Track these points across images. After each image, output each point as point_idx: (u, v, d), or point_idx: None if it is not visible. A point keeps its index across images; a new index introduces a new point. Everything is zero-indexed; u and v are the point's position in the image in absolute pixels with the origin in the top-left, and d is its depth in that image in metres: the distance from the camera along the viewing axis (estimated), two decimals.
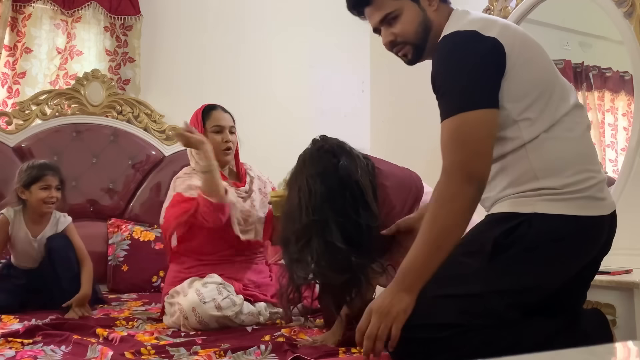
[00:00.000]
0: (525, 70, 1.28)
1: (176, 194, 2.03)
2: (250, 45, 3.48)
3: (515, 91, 1.27)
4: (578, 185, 1.27)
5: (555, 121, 1.29)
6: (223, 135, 2.14)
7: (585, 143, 1.35)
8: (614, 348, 0.92)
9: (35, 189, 2.24)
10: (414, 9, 1.40)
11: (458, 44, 1.27)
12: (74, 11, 3.02)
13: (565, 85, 1.38)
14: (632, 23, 2.19)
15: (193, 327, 1.82)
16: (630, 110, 2.41)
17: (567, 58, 2.74)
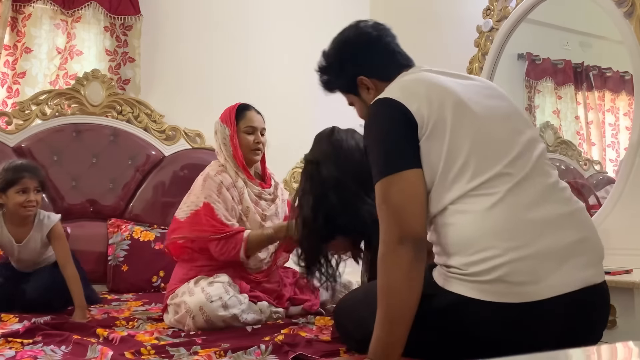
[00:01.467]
0: (436, 137, 1.24)
1: (205, 203, 2.01)
2: (250, 45, 3.48)
3: (427, 158, 1.25)
4: (480, 265, 1.16)
5: (463, 193, 1.21)
6: (255, 136, 2.19)
7: (497, 217, 1.19)
8: (614, 348, 0.92)
9: (12, 193, 2.11)
10: (359, 102, 1.53)
11: (372, 112, 1.33)
12: (74, 11, 3.02)
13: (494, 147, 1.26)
14: (632, 23, 2.19)
15: (199, 326, 1.82)
16: (632, 110, 2.42)
17: (567, 58, 2.74)
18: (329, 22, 3.73)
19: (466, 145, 1.24)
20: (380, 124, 1.30)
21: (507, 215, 1.19)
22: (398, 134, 1.26)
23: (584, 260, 1.21)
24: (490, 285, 1.16)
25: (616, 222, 2.16)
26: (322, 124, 3.49)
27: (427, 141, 1.24)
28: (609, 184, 2.51)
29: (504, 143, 1.27)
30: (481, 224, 1.19)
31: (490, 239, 1.18)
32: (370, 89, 1.48)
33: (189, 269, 2.03)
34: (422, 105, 1.26)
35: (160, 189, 3.01)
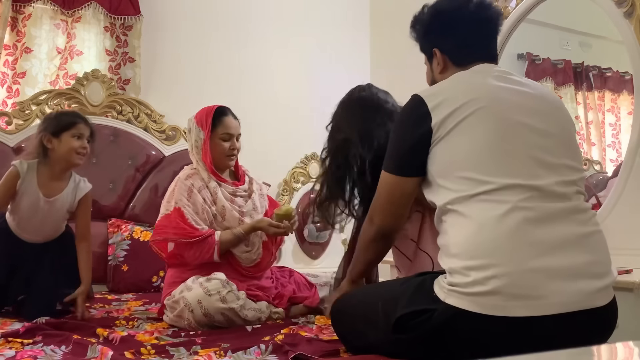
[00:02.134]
0: (454, 141, 1.29)
1: (176, 208, 2.02)
2: (250, 45, 3.48)
3: (439, 158, 1.31)
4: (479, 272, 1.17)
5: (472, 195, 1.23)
6: (231, 142, 2.16)
7: (502, 228, 1.19)
8: (614, 348, 0.92)
9: (67, 137, 2.00)
10: (428, 67, 1.59)
11: (404, 107, 1.43)
12: (74, 11, 3.02)
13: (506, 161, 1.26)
14: (632, 23, 2.19)
15: (198, 320, 1.82)
16: (630, 110, 2.42)
17: (567, 58, 2.74)
18: (329, 24, 3.74)
19: (477, 156, 1.26)
20: (404, 123, 1.41)
21: (513, 229, 1.19)
22: (406, 142, 1.38)
23: (590, 283, 1.20)
24: (488, 297, 1.16)
25: (616, 222, 2.16)
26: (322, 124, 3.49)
27: (443, 141, 1.30)
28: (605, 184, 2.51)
29: (530, 160, 1.26)
30: (485, 233, 1.20)
31: (491, 249, 1.18)
32: (439, 64, 1.51)
33: (182, 272, 2.03)
34: (449, 106, 1.30)
35: (161, 189, 3.01)
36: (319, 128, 3.67)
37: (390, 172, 1.40)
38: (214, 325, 1.84)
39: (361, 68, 3.78)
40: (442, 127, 1.30)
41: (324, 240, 3.43)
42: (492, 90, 1.32)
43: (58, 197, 2.06)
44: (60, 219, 2.12)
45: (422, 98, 1.34)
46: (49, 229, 2.10)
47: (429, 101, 1.33)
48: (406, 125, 1.39)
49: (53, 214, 2.07)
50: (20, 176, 2.00)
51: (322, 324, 1.89)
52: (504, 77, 1.37)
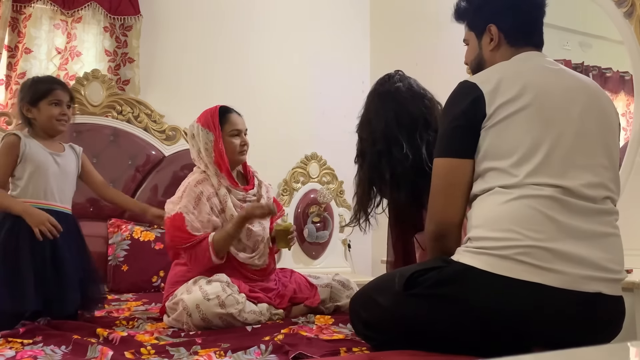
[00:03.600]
0: (501, 133, 1.30)
1: (178, 213, 2.01)
2: (250, 45, 3.49)
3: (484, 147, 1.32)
4: (499, 242, 1.23)
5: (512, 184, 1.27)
6: (241, 138, 2.17)
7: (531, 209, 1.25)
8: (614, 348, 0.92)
9: (45, 105, 1.95)
10: (474, 44, 1.53)
11: (453, 92, 1.39)
12: (74, 11, 3.02)
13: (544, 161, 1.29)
14: (632, 23, 2.19)
15: (196, 324, 1.82)
16: (630, 110, 2.41)
17: (567, 58, 2.74)
18: (329, 24, 3.74)
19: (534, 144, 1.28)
20: (451, 109, 1.37)
21: (536, 210, 1.24)
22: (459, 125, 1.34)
23: (599, 273, 1.23)
24: (499, 259, 1.21)
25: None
26: (322, 124, 3.49)
27: (499, 126, 1.29)
28: None
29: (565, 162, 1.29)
30: (508, 208, 1.25)
31: (511, 222, 1.23)
32: (493, 41, 1.46)
33: (187, 271, 2.03)
34: (502, 96, 1.30)
35: (161, 189, 3.01)
36: (319, 128, 3.69)
37: (446, 156, 1.35)
38: (212, 328, 1.84)
39: (361, 68, 3.78)
40: (494, 116, 1.29)
41: (324, 240, 3.43)
42: (542, 86, 1.33)
43: (63, 154, 2.03)
44: (73, 181, 2.09)
45: (475, 84, 1.33)
46: (67, 189, 2.05)
47: (483, 87, 1.31)
48: (461, 108, 1.34)
49: (69, 172, 2.04)
50: (22, 141, 1.92)
51: (322, 323, 1.89)
52: (554, 69, 1.39)
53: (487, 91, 1.30)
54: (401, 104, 1.81)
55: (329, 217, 3.44)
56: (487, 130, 1.30)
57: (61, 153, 2.04)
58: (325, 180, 3.52)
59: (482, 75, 1.37)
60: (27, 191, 1.93)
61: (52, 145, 2.02)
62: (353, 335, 1.64)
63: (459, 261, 1.27)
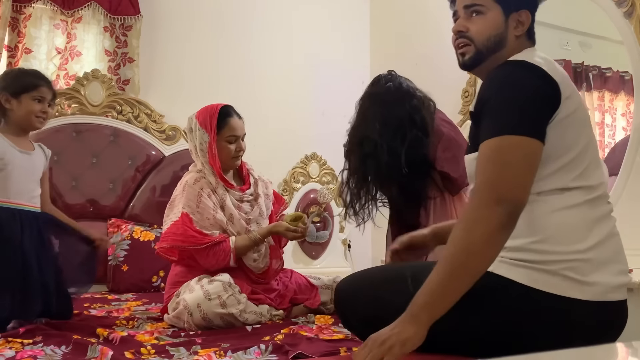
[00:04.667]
0: (571, 126, 1.21)
1: (184, 213, 2.01)
2: (250, 45, 3.48)
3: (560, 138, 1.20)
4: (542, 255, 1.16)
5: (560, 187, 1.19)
6: (237, 144, 2.13)
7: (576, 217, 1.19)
8: (614, 348, 0.91)
9: (27, 99, 1.89)
10: (499, 18, 1.32)
11: (520, 71, 1.22)
12: (74, 11, 3.02)
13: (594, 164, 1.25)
14: (632, 23, 2.19)
15: (197, 323, 1.82)
16: (630, 110, 2.41)
17: (567, 58, 2.74)
18: (329, 22, 3.74)
19: (582, 147, 1.22)
20: (525, 87, 1.19)
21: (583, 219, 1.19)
22: (539, 104, 1.18)
23: (620, 276, 1.23)
24: (541, 274, 1.15)
25: (616, 222, 2.15)
26: (323, 124, 3.48)
27: (560, 124, 1.19)
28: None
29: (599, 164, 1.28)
30: (559, 219, 1.18)
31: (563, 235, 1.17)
32: (521, 28, 1.32)
33: (189, 272, 2.02)
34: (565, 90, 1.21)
35: (161, 189, 3.01)
36: (319, 128, 3.69)
37: (532, 136, 1.14)
38: (213, 327, 1.84)
39: (361, 68, 3.78)
40: (564, 109, 1.19)
41: (324, 240, 3.43)
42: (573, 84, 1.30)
43: (33, 153, 1.96)
44: (38, 182, 1.99)
45: (541, 67, 1.20)
46: (34, 188, 1.97)
47: (551, 73, 1.19)
48: (541, 88, 1.18)
49: (35, 169, 1.96)
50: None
51: (322, 323, 1.89)
52: None
53: (557, 78, 1.19)
54: (388, 106, 1.83)
55: (329, 217, 3.44)
56: (554, 125, 1.19)
57: (30, 152, 1.97)
58: (325, 180, 3.52)
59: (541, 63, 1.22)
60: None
61: (22, 143, 1.95)
62: (353, 335, 1.63)
63: (495, 272, 1.16)
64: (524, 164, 1.14)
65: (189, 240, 1.98)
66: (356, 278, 1.47)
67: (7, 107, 1.91)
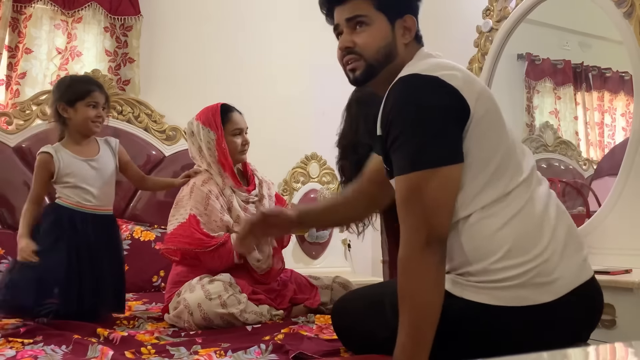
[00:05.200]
0: (487, 133, 1.15)
1: (192, 215, 2.01)
2: (250, 45, 3.49)
3: (476, 152, 1.13)
4: (506, 272, 1.12)
5: (498, 197, 1.14)
6: (242, 137, 2.19)
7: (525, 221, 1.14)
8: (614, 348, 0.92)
9: (82, 107, 1.96)
10: (385, 27, 1.28)
11: (417, 89, 1.13)
12: (74, 12, 3.03)
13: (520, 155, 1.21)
14: (632, 23, 2.19)
15: (197, 323, 1.82)
16: (630, 110, 2.42)
17: (567, 58, 2.75)
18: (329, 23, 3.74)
19: (509, 144, 1.18)
20: (427, 108, 1.11)
21: (531, 220, 1.15)
22: (447, 123, 1.11)
23: (581, 252, 1.21)
24: (510, 291, 1.12)
25: (616, 222, 2.16)
26: (322, 124, 3.48)
27: (475, 134, 1.13)
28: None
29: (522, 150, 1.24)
30: (511, 230, 1.13)
31: (520, 245, 1.13)
32: (409, 34, 1.29)
33: (190, 271, 2.02)
34: (471, 92, 1.14)
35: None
36: (319, 128, 3.69)
37: (450, 163, 1.09)
38: (213, 327, 1.84)
39: None
40: (476, 114, 1.13)
41: (323, 240, 3.43)
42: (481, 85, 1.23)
43: (98, 156, 2.03)
44: (113, 179, 2.08)
45: (438, 77, 1.12)
46: (109, 192, 2.05)
47: (451, 81, 1.12)
48: (447, 106, 1.11)
49: (107, 172, 2.04)
50: (54, 157, 1.94)
51: (322, 323, 1.89)
52: None
53: (457, 86, 1.12)
54: (372, 107, 1.82)
55: None
56: (470, 132, 1.13)
57: (95, 156, 2.03)
58: (325, 180, 3.52)
59: (438, 70, 1.14)
60: (70, 200, 1.96)
61: (85, 150, 2.02)
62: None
63: (464, 298, 1.14)
64: (443, 196, 1.10)
65: (195, 242, 1.98)
66: (348, 304, 1.50)
67: (65, 115, 1.97)
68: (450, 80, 1.12)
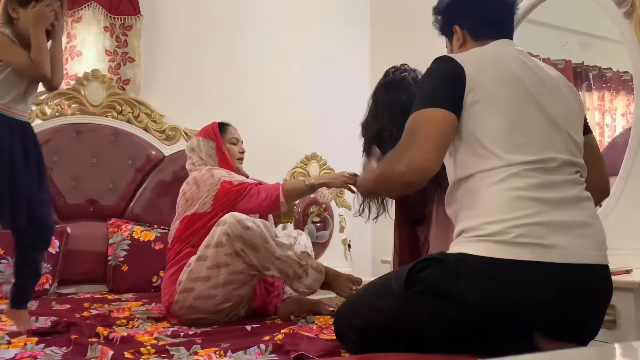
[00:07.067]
0: (480, 115, 1.32)
1: (222, 182, 2.11)
2: (250, 45, 3.49)
3: (477, 122, 1.32)
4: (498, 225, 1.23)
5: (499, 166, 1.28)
6: (239, 146, 2.35)
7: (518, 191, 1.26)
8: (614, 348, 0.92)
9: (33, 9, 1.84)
10: (447, 43, 1.63)
11: (433, 64, 1.41)
12: (74, 11, 3.03)
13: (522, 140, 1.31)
14: (632, 23, 2.19)
15: (236, 235, 1.83)
16: (630, 110, 2.42)
17: (567, 58, 2.74)
18: (329, 23, 3.74)
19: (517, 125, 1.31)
20: (432, 74, 1.40)
21: (520, 189, 1.26)
22: (443, 83, 1.35)
23: (590, 242, 1.26)
24: (498, 244, 1.21)
25: (616, 222, 2.16)
26: (322, 124, 3.48)
27: (477, 106, 1.31)
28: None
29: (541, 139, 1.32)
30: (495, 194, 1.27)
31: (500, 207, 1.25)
32: (459, 39, 1.55)
33: (180, 267, 2.03)
34: (478, 74, 1.33)
35: (161, 189, 3.02)
36: (319, 128, 3.69)
37: (436, 107, 1.31)
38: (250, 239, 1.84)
39: (361, 68, 3.78)
40: (473, 92, 1.32)
41: (324, 240, 3.43)
42: (514, 68, 1.37)
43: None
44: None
45: (451, 56, 1.37)
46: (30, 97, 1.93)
47: (460, 60, 1.35)
48: (440, 71, 1.38)
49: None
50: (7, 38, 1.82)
51: (322, 323, 1.89)
52: (523, 55, 1.43)
53: (463, 64, 1.35)
54: (407, 92, 1.82)
55: (329, 217, 3.44)
56: (469, 108, 1.32)
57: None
58: None
59: (455, 55, 1.41)
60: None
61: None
62: None
63: (458, 251, 1.25)
64: (426, 129, 1.30)
65: (235, 194, 2.07)
66: (350, 297, 1.61)
67: (14, 15, 1.86)
68: (459, 59, 1.36)
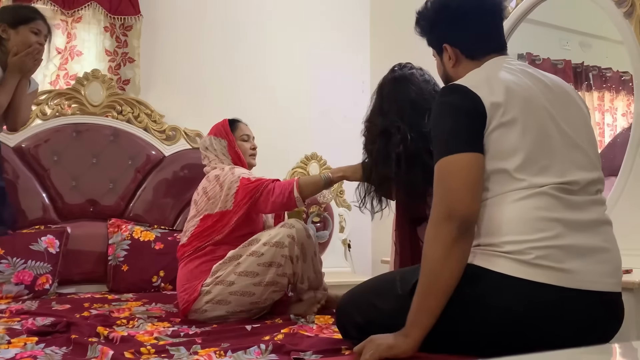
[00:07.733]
0: (509, 132, 1.27)
1: (241, 179, 2.11)
2: (250, 45, 3.49)
3: (499, 145, 1.28)
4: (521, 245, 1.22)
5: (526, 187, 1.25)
6: (250, 143, 2.39)
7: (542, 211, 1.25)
8: (614, 348, 0.92)
9: (24, 30, 1.99)
10: (438, 61, 1.56)
11: (445, 96, 1.34)
12: (74, 11, 3.03)
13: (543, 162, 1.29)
14: (632, 23, 2.19)
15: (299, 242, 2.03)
16: (630, 110, 2.42)
17: (567, 58, 2.74)
18: (329, 23, 3.74)
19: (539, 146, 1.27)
20: (447, 109, 1.32)
21: (540, 209, 1.24)
22: (462, 120, 1.29)
23: (607, 268, 1.26)
24: (513, 262, 1.20)
25: (616, 222, 2.15)
26: (322, 124, 3.48)
27: (496, 133, 1.27)
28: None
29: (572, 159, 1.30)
30: (526, 213, 1.23)
31: (531, 228, 1.22)
32: (451, 58, 1.49)
33: (209, 260, 2.05)
34: (496, 94, 1.28)
35: (161, 189, 3.01)
36: (319, 128, 3.69)
37: (463, 151, 1.25)
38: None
39: (361, 68, 3.78)
40: (493, 120, 1.27)
41: (323, 240, 3.43)
42: (525, 88, 1.32)
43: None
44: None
45: (464, 85, 1.30)
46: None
47: (472, 88, 1.29)
48: (456, 107, 1.30)
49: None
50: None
51: (322, 323, 1.89)
52: (527, 71, 1.39)
53: (480, 94, 1.29)
54: (417, 87, 1.82)
55: (329, 217, 3.44)
56: (489, 136, 1.28)
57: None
58: None
59: (467, 81, 1.34)
60: None
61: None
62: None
63: (474, 264, 1.24)
64: (459, 177, 1.24)
65: (256, 185, 2.08)
66: (354, 289, 1.56)
67: (4, 36, 1.96)
68: (473, 87, 1.29)
